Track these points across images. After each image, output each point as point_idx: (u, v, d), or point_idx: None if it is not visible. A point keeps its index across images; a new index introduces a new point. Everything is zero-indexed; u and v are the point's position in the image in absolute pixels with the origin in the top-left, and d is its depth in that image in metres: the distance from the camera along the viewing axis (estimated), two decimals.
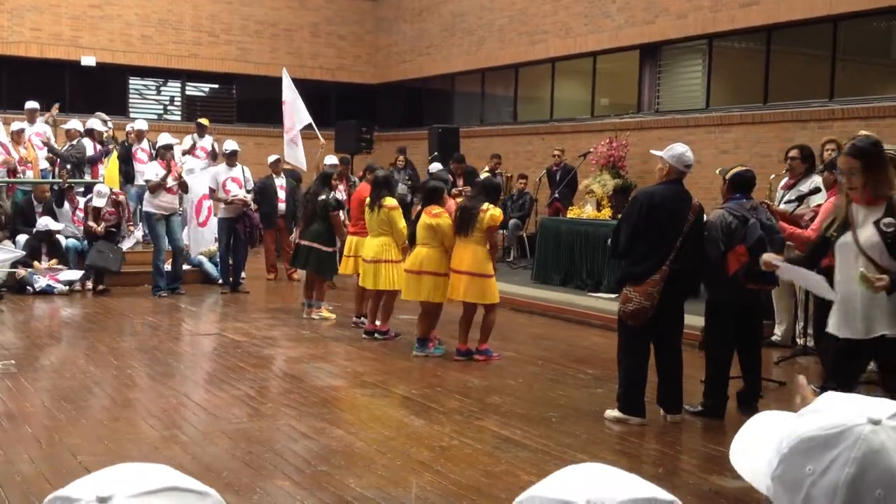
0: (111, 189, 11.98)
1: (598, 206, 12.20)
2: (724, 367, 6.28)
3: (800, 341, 8.47)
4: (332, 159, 13.08)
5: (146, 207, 11.44)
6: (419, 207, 8.23)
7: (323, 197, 9.82)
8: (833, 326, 4.75)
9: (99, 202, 11.61)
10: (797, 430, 1.04)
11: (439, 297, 7.90)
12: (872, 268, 4.47)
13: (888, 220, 4.50)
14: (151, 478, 0.94)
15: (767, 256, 5.10)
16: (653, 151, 6.49)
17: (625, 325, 6.02)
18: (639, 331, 5.95)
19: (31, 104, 13.59)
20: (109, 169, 13.21)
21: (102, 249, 11.42)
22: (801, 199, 7.75)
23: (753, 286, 6.14)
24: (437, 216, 7.90)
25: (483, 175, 14.06)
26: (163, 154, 11.56)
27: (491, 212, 7.66)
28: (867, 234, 4.54)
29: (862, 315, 4.56)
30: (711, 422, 6.14)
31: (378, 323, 8.90)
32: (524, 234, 14.74)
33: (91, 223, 11.51)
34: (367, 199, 8.85)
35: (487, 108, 18.27)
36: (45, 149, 13.25)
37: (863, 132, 7.76)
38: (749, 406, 6.28)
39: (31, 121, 13.44)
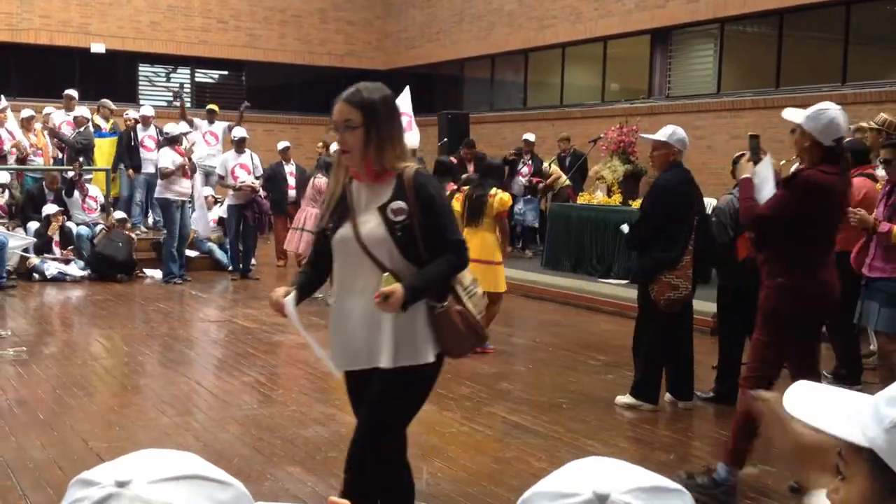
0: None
1: (609, 192, 12.15)
2: (735, 352, 6.27)
3: None
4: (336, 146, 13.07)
5: (164, 194, 11.40)
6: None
7: None
8: (332, 357, 3.38)
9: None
10: None
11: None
12: (380, 273, 3.13)
13: (398, 203, 3.15)
14: (174, 465, 0.93)
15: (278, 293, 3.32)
16: (648, 136, 6.24)
17: (659, 313, 5.91)
18: (674, 318, 5.95)
19: (70, 92, 13.77)
20: (106, 155, 13.34)
21: (114, 238, 11.48)
22: None
23: None
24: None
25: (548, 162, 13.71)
26: (180, 141, 11.57)
27: (499, 196, 7.56)
28: (371, 224, 3.17)
29: (366, 338, 3.21)
30: (723, 408, 6.12)
31: None
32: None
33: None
34: None
35: (497, 93, 18.20)
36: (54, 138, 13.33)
37: (883, 115, 7.69)
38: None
39: (69, 108, 13.58)
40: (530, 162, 13.84)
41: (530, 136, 14.20)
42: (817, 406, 1.16)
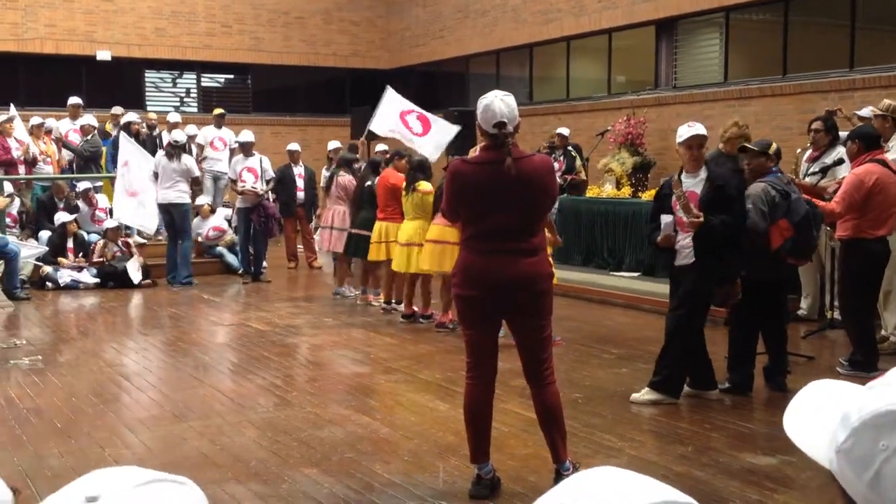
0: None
1: (618, 185, 12.12)
2: (749, 342, 6.24)
3: (827, 315, 8.40)
4: (335, 144, 13.20)
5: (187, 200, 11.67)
6: None
7: (369, 183, 9.85)
8: None
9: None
10: (869, 403, 0.97)
11: None
12: None
13: None
14: (132, 475, 0.94)
15: None
16: (702, 131, 5.89)
17: (704, 310, 6.00)
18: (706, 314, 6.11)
19: (74, 100, 13.84)
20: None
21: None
22: (824, 172, 7.65)
23: (794, 261, 6.15)
24: None
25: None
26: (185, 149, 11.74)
27: None
28: None
29: None
30: (739, 398, 6.09)
31: (416, 308, 8.92)
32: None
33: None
34: (404, 184, 8.90)
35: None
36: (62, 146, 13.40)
37: (887, 101, 7.65)
38: (776, 382, 6.24)
39: (75, 116, 13.67)
40: (562, 158, 12.61)
41: (564, 130, 13.34)
42: (804, 419, 1.08)
